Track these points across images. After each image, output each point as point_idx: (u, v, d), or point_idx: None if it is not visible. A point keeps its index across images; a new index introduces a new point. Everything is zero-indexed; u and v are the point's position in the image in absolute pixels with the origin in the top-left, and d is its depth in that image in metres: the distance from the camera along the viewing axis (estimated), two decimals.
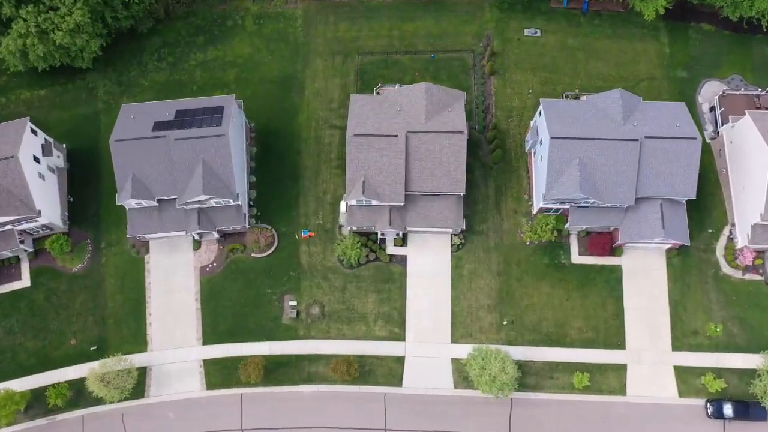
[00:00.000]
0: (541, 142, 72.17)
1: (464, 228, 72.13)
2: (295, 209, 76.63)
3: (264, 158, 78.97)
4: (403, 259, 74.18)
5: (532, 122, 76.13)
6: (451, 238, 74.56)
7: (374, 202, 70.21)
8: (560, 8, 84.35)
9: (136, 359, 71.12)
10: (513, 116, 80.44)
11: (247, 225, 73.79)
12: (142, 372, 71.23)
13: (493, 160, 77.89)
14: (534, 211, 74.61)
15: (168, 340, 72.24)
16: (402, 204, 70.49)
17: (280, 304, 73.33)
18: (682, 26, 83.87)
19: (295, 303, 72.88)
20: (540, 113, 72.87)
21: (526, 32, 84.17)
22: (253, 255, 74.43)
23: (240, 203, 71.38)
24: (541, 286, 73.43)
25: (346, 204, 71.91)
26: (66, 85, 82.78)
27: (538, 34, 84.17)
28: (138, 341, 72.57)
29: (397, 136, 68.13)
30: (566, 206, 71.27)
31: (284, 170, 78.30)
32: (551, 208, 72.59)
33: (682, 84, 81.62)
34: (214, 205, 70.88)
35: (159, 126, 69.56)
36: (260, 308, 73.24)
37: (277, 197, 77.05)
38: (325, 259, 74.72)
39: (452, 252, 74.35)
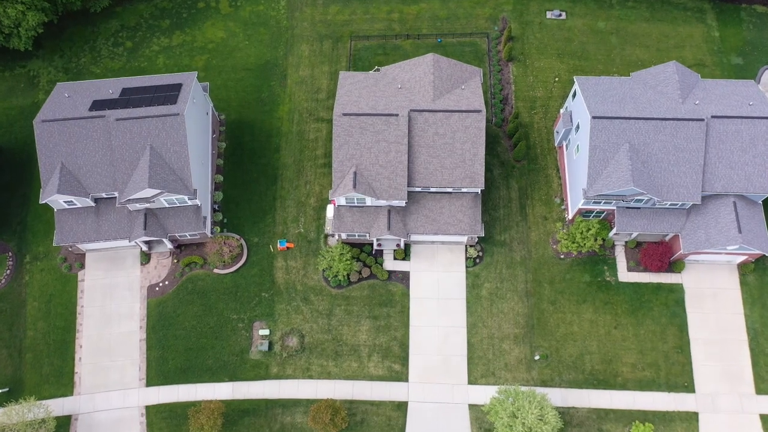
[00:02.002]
0: (577, 128, 57.74)
1: (482, 235, 56.63)
2: (270, 215, 61.51)
3: (235, 155, 64.56)
4: (405, 276, 58.47)
5: (562, 110, 62.04)
6: (466, 250, 59.08)
7: (368, 201, 55.12)
8: None
9: (57, 405, 54.50)
10: (537, 107, 66.59)
11: (208, 233, 58.41)
12: (65, 422, 54.40)
13: (515, 157, 63.35)
14: (569, 216, 59.38)
15: (101, 380, 55.67)
16: (404, 204, 55.46)
17: (247, 334, 57.12)
18: (731, 7, 71.56)
19: (267, 332, 56.72)
20: (574, 94, 58.85)
21: (549, 14, 71.70)
22: (215, 271, 58.77)
23: (199, 204, 56.26)
24: (582, 310, 57.42)
25: (334, 207, 56.76)
26: (2, 73, 69.23)
27: (563, 16, 71.63)
28: (62, 382, 55.99)
29: (397, 115, 53.66)
30: (611, 207, 56.09)
31: (259, 169, 63.74)
32: (592, 212, 57.38)
33: (738, 71, 68.40)
34: (166, 205, 55.80)
35: (98, 105, 55.37)
36: (222, 339, 56.98)
37: (248, 201, 62.05)
38: (306, 277, 59.00)
39: (467, 267, 58.77)
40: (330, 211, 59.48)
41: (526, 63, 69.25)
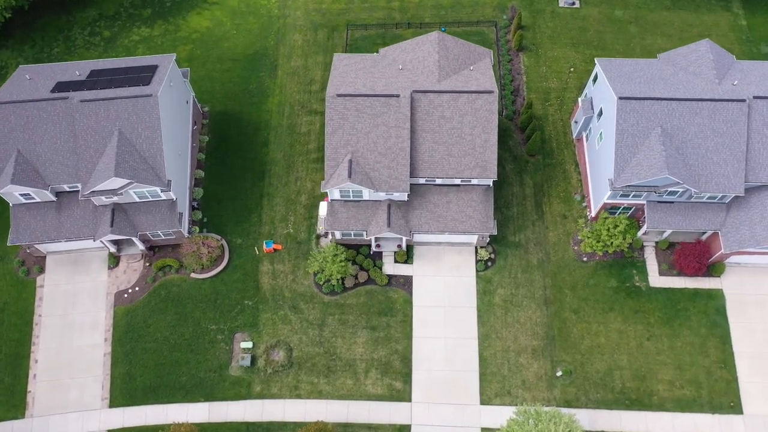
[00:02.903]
0: (599, 114, 51.53)
1: (495, 233, 49.85)
2: (256, 214, 54.84)
3: (218, 150, 58.27)
4: (407, 282, 51.53)
5: (580, 98, 55.92)
6: (476, 252, 52.23)
7: (366, 194, 48.60)
8: None
9: (5, 429, 46.99)
10: (551, 99, 60.56)
11: (185, 232, 51.66)
12: None
13: (528, 151, 57.01)
14: (592, 214, 52.70)
15: (58, 400, 48.30)
16: (406, 197, 48.89)
17: (227, 347, 49.92)
18: None
19: (249, 345, 49.53)
20: (595, 78, 52.83)
21: (561, 3, 66.36)
22: (192, 276, 51.84)
23: (174, 198, 49.66)
24: (609, 319, 50.34)
25: (328, 204, 50.17)
26: None
27: (576, 4, 66.42)
28: (12, 402, 48.64)
29: (398, 95, 47.42)
30: (640, 201, 49.51)
31: (245, 164, 57.36)
32: (618, 208, 50.77)
33: None
34: (137, 199, 49.22)
35: (62, 87, 49.22)
36: (198, 353, 49.77)
37: (232, 198, 55.50)
38: (295, 282, 52.05)
39: (478, 271, 51.87)
40: (323, 208, 52.91)
41: (538, 53, 63.57)
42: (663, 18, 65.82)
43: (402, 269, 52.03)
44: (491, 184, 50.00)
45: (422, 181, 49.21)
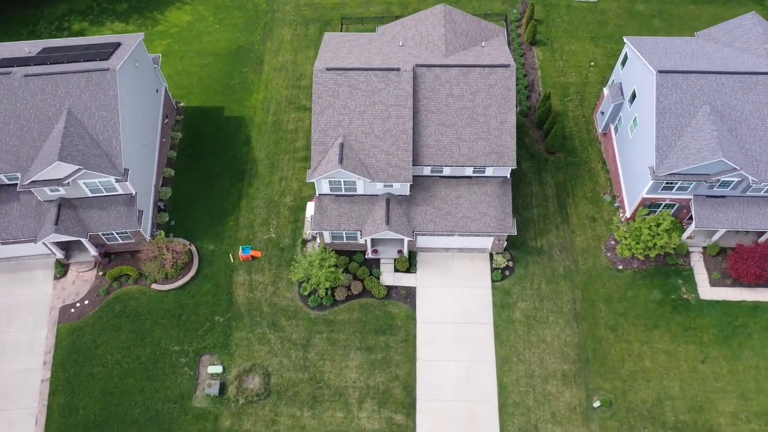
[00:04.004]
0: (632, 98, 44.35)
1: (515, 233, 41.77)
2: (233, 217, 46.90)
3: (192, 148, 50.96)
4: (410, 294, 43.11)
5: (605, 89, 49.06)
6: (492, 259, 44.01)
7: (360, 187, 40.88)
8: None
9: None
10: (570, 94, 53.73)
11: (147, 235, 43.59)
12: None
13: (548, 148, 49.66)
14: (627, 214, 44.78)
15: None
16: (408, 190, 41.20)
17: (192, 372, 41.04)
18: None
19: (219, 369, 40.70)
20: (624, 60, 46.01)
21: None
22: (153, 287, 43.46)
23: (134, 193, 41.86)
24: (654, 338, 41.69)
25: (317, 196, 42.36)
26: None
27: None
28: None
29: (399, 69, 40.27)
30: (686, 196, 41.71)
31: (222, 163, 49.92)
32: (659, 204, 42.93)
33: None
34: (89, 194, 41.47)
35: (6, 63, 42.17)
36: (156, 379, 40.87)
37: (205, 199, 47.71)
38: (276, 295, 43.62)
39: (494, 281, 43.51)
40: (311, 209, 45.05)
41: (554, 47, 57.13)
42: (689, 12, 59.95)
43: (403, 279, 43.71)
44: (509, 176, 42.22)
45: (427, 171, 41.55)
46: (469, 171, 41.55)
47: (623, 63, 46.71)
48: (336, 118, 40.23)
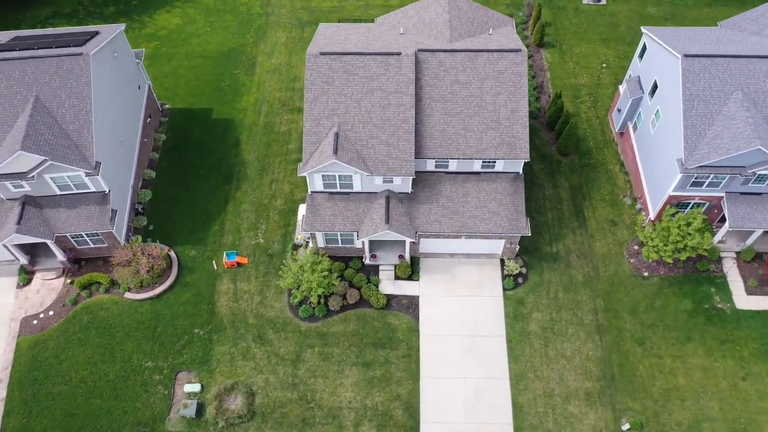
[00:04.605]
0: (652, 90, 40.78)
1: (529, 234, 37.56)
2: (218, 221, 42.76)
3: (177, 150, 47.28)
4: (412, 303, 38.62)
5: (621, 86, 45.60)
6: (503, 265, 39.65)
7: (357, 183, 36.88)
8: None
9: None
10: (582, 96, 50.41)
11: (121, 238, 39.37)
12: None
13: (560, 150, 45.96)
14: (651, 216, 40.67)
15: None
16: (410, 187, 37.19)
17: (166, 391, 36.24)
18: None
19: (197, 388, 35.92)
20: (642, 51, 42.70)
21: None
22: (126, 295, 39.01)
23: (106, 190, 37.85)
24: (688, 353, 37.04)
25: (309, 194, 38.32)
26: None
27: (603, 1, 57.83)
28: None
29: (400, 54, 36.75)
30: (717, 193, 37.70)
31: (208, 165, 46.15)
32: (687, 204, 38.87)
33: None
34: (57, 191, 37.50)
35: None
36: (125, 399, 36.05)
37: (188, 203, 43.69)
38: (263, 305, 39.12)
39: (506, 290, 39.07)
40: (303, 211, 40.98)
41: (563, 49, 54.11)
42: (703, 14, 57.18)
43: (405, 287, 39.28)
44: (521, 171, 38.26)
45: (431, 166, 37.64)
46: (477, 166, 37.63)
47: (641, 55, 43.34)
48: (330, 106, 36.53)
